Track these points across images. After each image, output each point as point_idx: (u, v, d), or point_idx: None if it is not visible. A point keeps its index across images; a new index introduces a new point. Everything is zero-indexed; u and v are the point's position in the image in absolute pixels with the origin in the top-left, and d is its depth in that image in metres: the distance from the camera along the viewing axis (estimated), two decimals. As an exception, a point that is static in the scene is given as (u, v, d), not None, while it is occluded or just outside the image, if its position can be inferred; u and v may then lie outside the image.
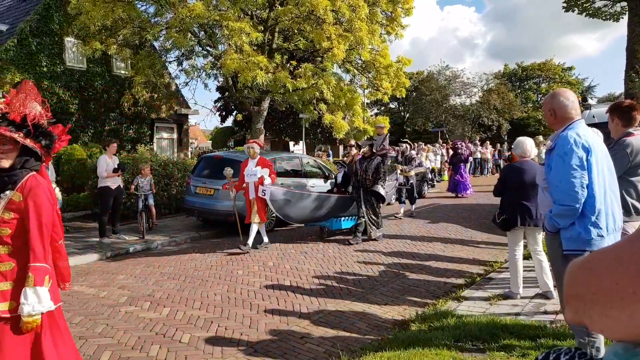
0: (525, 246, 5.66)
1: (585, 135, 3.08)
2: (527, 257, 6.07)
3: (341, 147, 37.24)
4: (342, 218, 9.55)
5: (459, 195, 15.86)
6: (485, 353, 3.91)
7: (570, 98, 3.20)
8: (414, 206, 12.19)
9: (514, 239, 5.40)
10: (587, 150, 3.02)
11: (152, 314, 5.21)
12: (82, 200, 12.40)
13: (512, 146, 5.85)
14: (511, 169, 5.54)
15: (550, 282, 5.25)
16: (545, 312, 4.85)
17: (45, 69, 15.86)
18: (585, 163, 3.00)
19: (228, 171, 8.93)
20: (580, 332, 3.19)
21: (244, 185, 8.56)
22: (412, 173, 12.14)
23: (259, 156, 8.61)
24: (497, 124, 40.08)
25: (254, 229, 8.34)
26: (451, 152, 17.64)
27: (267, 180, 8.22)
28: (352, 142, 9.31)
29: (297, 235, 9.92)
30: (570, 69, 46.73)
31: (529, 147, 5.32)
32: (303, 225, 10.28)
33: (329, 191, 9.98)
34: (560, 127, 3.20)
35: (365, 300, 5.62)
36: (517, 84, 47.49)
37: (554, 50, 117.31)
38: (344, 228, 9.68)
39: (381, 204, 9.22)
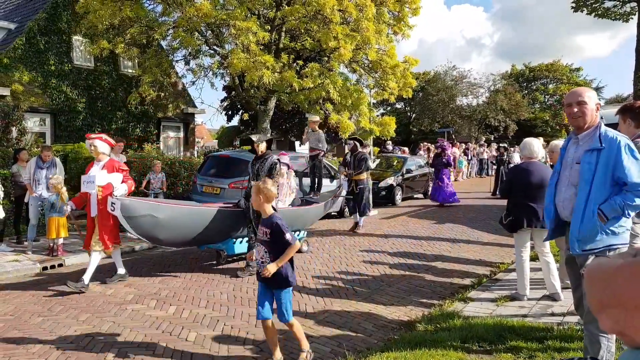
0: (532, 248, 5.63)
1: None
2: (534, 258, 6.04)
3: (347, 147, 37.25)
4: (243, 239, 7.27)
5: (441, 204, 13.71)
6: (492, 354, 3.89)
7: None
8: (362, 219, 10.13)
9: (520, 240, 5.37)
10: None
11: (158, 312, 5.23)
12: (89, 199, 12.45)
13: (519, 147, 5.82)
14: (517, 170, 5.51)
15: (557, 283, 5.22)
16: (553, 314, 4.82)
17: (53, 68, 15.95)
18: None
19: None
20: (593, 339, 3.13)
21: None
22: (364, 177, 10.13)
23: (107, 157, 6.34)
24: (504, 124, 39.90)
25: (93, 259, 6.09)
26: (432, 153, 15.23)
27: (120, 190, 6.13)
28: (254, 137, 6.97)
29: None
30: (578, 69, 46.45)
31: (537, 148, 5.29)
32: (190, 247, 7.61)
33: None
34: (594, 124, 3.21)
35: (371, 300, 5.61)
36: (525, 84, 47.24)
37: (562, 50, 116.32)
38: (244, 253, 7.22)
39: None
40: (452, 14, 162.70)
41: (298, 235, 7.84)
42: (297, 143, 31.06)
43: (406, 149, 21.64)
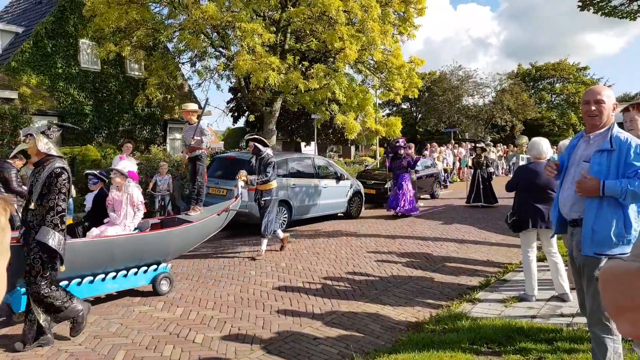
0: (539, 248, 5.60)
1: None
2: (542, 258, 6.00)
3: (353, 148, 37.18)
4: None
5: (397, 213, 11.86)
6: (500, 356, 3.86)
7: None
8: (264, 244, 7.99)
9: (526, 240, 5.34)
10: None
11: (165, 313, 5.24)
12: (97, 201, 12.52)
13: (527, 147, 5.78)
14: (523, 170, 5.49)
15: (566, 284, 5.18)
16: (562, 315, 4.78)
17: (60, 71, 16.06)
18: None
19: None
20: (599, 341, 3.10)
21: None
22: (272, 186, 8.04)
23: None
24: (510, 124, 39.73)
25: None
26: (390, 152, 12.80)
27: None
28: (22, 132, 5.01)
29: (309, 235, 9.91)
30: (585, 68, 46.16)
31: (545, 148, 5.25)
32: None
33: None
34: (608, 125, 3.16)
35: (378, 301, 5.59)
36: (531, 84, 47.05)
37: (570, 49, 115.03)
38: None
39: (59, 267, 4.36)
40: (458, 13, 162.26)
41: (155, 269, 5.91)
42: (302, 144, 31.24)
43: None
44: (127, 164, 6.27)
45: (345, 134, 15.03)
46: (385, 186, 14.13)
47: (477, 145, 15.53)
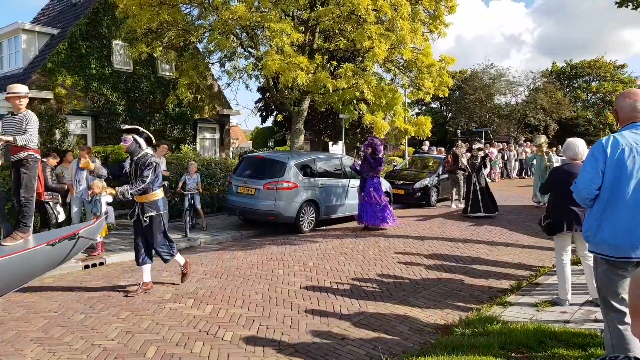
0: (574, 251, 5.44)
1: (626, 137, 3.05)
2: (576, 262, 5.84)
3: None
4: None
5: (367, 225, 10.20)
6: (532, 362, 3.78)
7: (633, 98, 3.10)
8: (147, 270, 6.08)
9: (560, 243, 5.21)
10: (618, 153, 3.00)
11: (195, 311, 5.32)
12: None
13: (562, 148, 5.63)
14: (558, 171, 5.35)
15: (601, 289, 5.03)
16: (596, 320, 4.64)
17: (94, 71, 16.47)
18: (603, 166, 3.05)
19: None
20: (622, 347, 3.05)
21: None
22: (156, 197, 5.91)
23: None
24: (544, 124, 38.77)
25: None
26: (362, 153, 10.94)
27: None
28: None
29: (336, 236, 9.89)
30: (622, 66, 44.62)
31: (581, 149, 5.10)
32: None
33: None
34: (621, 128, 3.19)
35: (406, 303, 5.54)
36: (566, 82, 45.76)
37: (607, 46, 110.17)
38: None
39: None
40: (491, 10, 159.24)
41: None
42: (330, 143, 31.23)
43: (442, 149, 21.28)
44: None
45: (374, 134, 14.95)
46: (414, 186, 14.02)
47: (473, 146, 12.88)
